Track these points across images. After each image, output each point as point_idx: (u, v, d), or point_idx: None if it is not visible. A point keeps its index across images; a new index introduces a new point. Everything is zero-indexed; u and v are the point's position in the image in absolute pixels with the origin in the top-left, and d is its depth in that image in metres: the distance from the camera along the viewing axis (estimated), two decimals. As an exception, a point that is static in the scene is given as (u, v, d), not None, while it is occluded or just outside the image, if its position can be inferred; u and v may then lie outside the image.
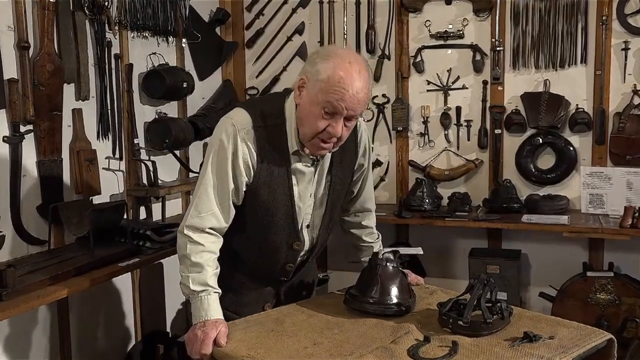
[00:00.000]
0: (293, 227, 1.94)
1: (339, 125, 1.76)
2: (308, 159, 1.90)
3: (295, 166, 1.89)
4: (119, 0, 2.99)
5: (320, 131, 1.76)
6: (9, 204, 2.45)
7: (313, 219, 2.00)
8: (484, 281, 1.77)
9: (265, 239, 1.94)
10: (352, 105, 1.73)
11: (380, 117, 3.72)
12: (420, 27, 3.61)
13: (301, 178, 1.91)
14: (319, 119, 1.75)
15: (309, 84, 1.77)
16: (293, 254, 1.99)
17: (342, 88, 1.71)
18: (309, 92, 1.77)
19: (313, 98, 1.75)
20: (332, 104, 1.72)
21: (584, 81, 3.36)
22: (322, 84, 1.72)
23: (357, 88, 1.72)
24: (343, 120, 1.76)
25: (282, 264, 2.00)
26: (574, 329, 1.71)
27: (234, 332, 1.75)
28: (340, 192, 2.04)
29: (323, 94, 1.72)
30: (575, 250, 3.42)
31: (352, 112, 1.75)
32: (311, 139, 1.80)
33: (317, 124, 1.75)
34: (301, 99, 1.80)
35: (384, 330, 1.74)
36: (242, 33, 3.99)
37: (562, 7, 3.35)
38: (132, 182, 3.12)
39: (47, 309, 2.64)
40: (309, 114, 1.77)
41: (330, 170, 1.97)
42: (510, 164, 3.52)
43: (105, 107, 2.91)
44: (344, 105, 1.72)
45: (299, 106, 1.82)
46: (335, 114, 1.74)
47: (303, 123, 1.81)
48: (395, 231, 3.74)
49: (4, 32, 2.40)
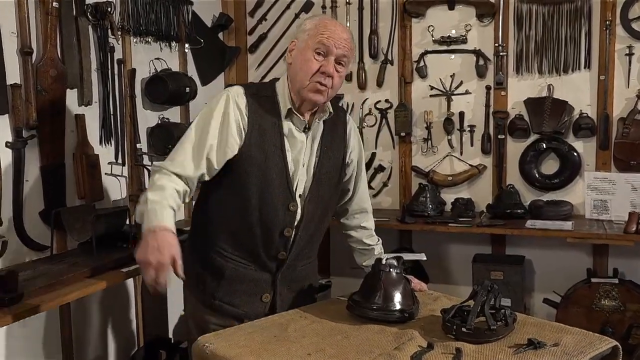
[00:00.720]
0: (287, 188, 1.98)
1: (330, 65, 1.92)
2: (300, 123, 2.00)
3: (288, 130, 1.99)
4: (121, 6, 3.00)
5: (315, 72, 1.91)
6: (12, 209, 2.45)
7: (305, 190, 2.04)
8: (487, 287, 1.76)
9: (263, 200, 1.97)
10: (340, 43, 1.92)
11: (383, 122, 3.72)
12: (423, 32, 3.61)
13: (293, 143, 2.00)
14: (312, 61, 1.91)
15: (299, 40, 1.96)
16: (290, 216, 2.00)
17: (328, 29, 1.92)
18: (298, 46, 1.96)
19: (304, 46, 1.93)
20: (322, 42, 1.90)
21: (587, 86, 3.36)
22: (311, 32, 1.93)
23: (341, 30, 1.95)
24: (334, 64, 1.92)
25: (281, 228, 2.00)
26: (578, 335, 1.69)
27: (237, 337, 1.74)
28: (328, 173, 2.08)
29: (312, 38, 1.91)
30: (579, 256, 3.41)
31: (340, 52, 1.92)
32: (307, 84, 1.93)
33: (311, 66, 1.91)
34: (292, 58, 1.98)
35: (387, 336, 1.73)
36: (245, 38, 4.00)
37: (566, 12, 3.34)
38: (135, 188, 3.12)
39: (49, 314, 2.63)
40: (302, 62, 1.93)
41: (320, 145, 2.06)
42: (513, 170, 3.51)
43: (108, 112, 2.91)
44: (332, 42, 1.90)
45: (291, 65, 1.98)
46: (327, 54, 1.91)
47: (297, 73, 1.95)
48: (398, 237, 3.74)
49: (8, 37, 2.41)
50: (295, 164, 2.01)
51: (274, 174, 1.96)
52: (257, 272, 2.04)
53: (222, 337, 1.77)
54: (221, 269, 2.02)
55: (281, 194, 1.98)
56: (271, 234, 2.00)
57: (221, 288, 2.02)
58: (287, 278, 2.09)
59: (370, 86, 3.74)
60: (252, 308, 2.04)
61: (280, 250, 2.03)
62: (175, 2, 3.36)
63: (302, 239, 2.07)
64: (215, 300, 2.03)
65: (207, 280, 2.05)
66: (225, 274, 2.02)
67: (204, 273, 2.05)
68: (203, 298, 2.06)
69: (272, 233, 2.00)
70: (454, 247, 3.65)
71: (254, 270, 2.04)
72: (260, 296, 2.05)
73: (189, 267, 2.10)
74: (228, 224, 2.02)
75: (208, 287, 2.04)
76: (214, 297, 2.03)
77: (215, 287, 2.03)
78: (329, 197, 2.13)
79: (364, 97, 3.76)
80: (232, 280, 2.03)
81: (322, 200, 2.08)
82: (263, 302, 2.05)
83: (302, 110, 2.00)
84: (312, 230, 2.10)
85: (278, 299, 2.08)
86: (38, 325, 2.61)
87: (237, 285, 2.03)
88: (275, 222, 1.99)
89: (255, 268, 2.04)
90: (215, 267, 2.03)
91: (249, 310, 2.03)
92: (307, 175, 2.04)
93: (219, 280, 2.02)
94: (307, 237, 2.09)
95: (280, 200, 1.98)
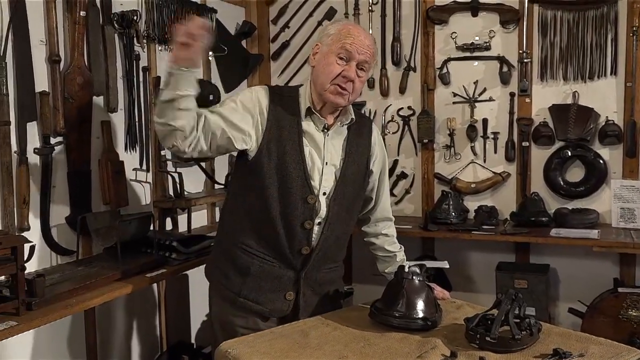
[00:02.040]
0: (305, 181, 2.04)
1: (352, 69, 1.99)
2: (320, 123, 2.08)
3: (306, 128, 2.07)
4: (147, 14, 3.04)
5: (337, 76, 1.98)
6: (39, 214, 2.49)
7: (330, 190, 2.09)
8: (512, 296, 1.74)
9: (283, 194, 2.02)
10: (363, 49, 1.99)
11: (406, 129, 3.71)
12: (447, 39, 3.60)
13: (312, 140, 2.07)
14: (334, 65, 1.98)
15: (322, 43, 2.04)
16: (309, 209, 2.04)
17: (352, 35, 1.99)
18: (322, 50, 2.03)
19: (327, 50, 2.01)
20: (344, 47, 1.97)
21: (614, 93, 3.31)
22: (334, 36, 2.00)
23: (364, 36, 2.02)
24: (356, 69, 1.99)
25: (301, 221, 2.04)
26: (605, 346, 1.67)
27: (259, 344, 1.75)
28: (354, 175, 2.14)
29: (336, 43, 1.99)
30: (605, 265, 3.35)
31: (362, 57, 1.99)
32: (329, 87, 2.00)
33: (333, 70, 1.98)
34: (316, 61, 2.06)
35: (410, 344, 1.72)
36: (268, 45, 4.02)
37: (591, 18, 3.31)
38: (159, 194, 3.15)
39: (74, 318, 2.67)
40: (325, 65, 2.00)
41: (345, 148, 2.13)
42: (538, 177, 3.47)
43: (133, 119, 2.95)
44: (355, 48, 1.97)
45: (315, 68, 2.06)
46: (350, 59, 1.98)
47: (320, 76, 2.02)
48: (421, 244, 3.71)
49: (37, 46, 2.46)
50: (315, 161, 2.07)
51: (292, 168, 2.03)
52: (281, 269, 2.08)
53: (245, 343, 1.78)
54: (246, 265, 2.07)
55: (299, 187, 2.03)
56: (292, 227, 2.04)
57: (246, 285, 2.07)
58: (311, 278, 2.13)
59: (393, 93, 3.74)
60: (276, 305, 2.08)
61: (304, 245, 2.07)
62: (200, 10, 3.39)
63: (329, 239, 2.10)
64: (239, 297, 2.07)
65: (232, 277, 2.10)
66: (250, 271, 2.07)
67: (229, 270, 2.10)
68: (228, 295, 2.10)
69: (293, 226, 2.04)
70: (477, 255, 3.62)
71: (279, 267, 2.08)
72: (284, 294, 2.08)
73: (216, 264, 2.16)
74: (252, 220, 2.07)
75: (233, 283, 2.09)
76: (239, 294, 2.08)
77: (241, 283, 2.08)
78: (353, 200, 2.17)
79: (386, 104, 3.75)
80: (256, 277, 2.07)
81: (347, 202, 2.13)
82: (287, 300, 2.09)
83: (323, 112, 2.08)
84: (338, 232, 2.14)
85: (301, 299, 2.11)
86: (63, 328, 2.64)
87: (261, 282, 2.07)
88: (295, 214, 2.04)
89: (279, 265, 2.08)
90: (241, 263, 2.08)
91: (272, 307, 2.08)
92: (332, 175, 2.10)
93: (244, 277, 2.07)
94: (333, 238, 2.13)
95: (298, 193, 2.03)
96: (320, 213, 2.08)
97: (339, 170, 2.11)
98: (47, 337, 2.55)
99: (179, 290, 3.39)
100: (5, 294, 1.96)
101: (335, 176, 2.11)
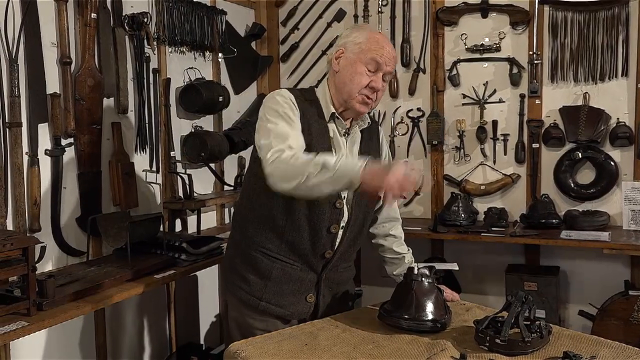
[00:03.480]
0: None
1: (379, 80, 2.02)
2: (342, 127, 2.08)
3: (332, 132, 2.06)
4: (157, 17, 3.05)
5: (365, 86, 2.00)
6: (50, 215, 2.51)
7: (349, 193, 2.08)
8: (522, 298, 1.73)
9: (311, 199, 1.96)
10: (389, 60, 2.02)
11: (415, 131, 3.70)
12: (456, 41, 3.59)
13: (337, 144, 2.07)
14: (363, 75, 1.99)
15: (348, 50, 2.02)
16: (337, 214, 2.04)
17: (380, 46, 2.00)
18: (347, 56, 2.02)
19: (355, 58, 2.00)
20: (375, 59, 1.98)
21: (625, 94, 3.29)
22: (363, 45, 1.99)
23: (390, 47, 2.05)
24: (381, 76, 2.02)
25: (328, 225, 2.03)
26: (616, 349, 1.66)
27: (268, 345, 1.75)
28: None
29: (365, 53, 1.99)
30: (616, 267, 3.33)
31: (389, 69, 2.03)
32: (356, 96, 2.01)
33: (362, 80, 1.99)
34: (340, 66, 2.04)
35: (419, 346, 1.72)
36: (277, 47, 4.03)
37: (602, 19, 3.29)
38: (169, 195, 3.16)
39: (84, 319, 2.68)
40: (353, 74, 2.00)
41: (360, 151, 2.13)
42: (548, 179, 3.45)
43: (143, 120, 2.96)
44: (384, 60, 1.99)
45: (339, 73, 2.04)
46: (378, 70, 2.00)
47: (346, 85, 2.02)
48: (430, 246, 3.71)
49: (48, 48, 2.48)
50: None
51: None
52: (302, 272, 2.08)
53: (254, 344, 1.78)
54: (268, 269, 2.05)
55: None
56: (319, 231, 2.03)
57: (268, 289, 2.05)
58: (330, 279, 2.13)
59: (403, 94, 3.73)
60: (298, 308, 2.08)
61: (327, 249, 2.06)
62: (210, 12, 3.41)
63: (348, 240, 2.11)
64: (261, 301, 2.05)
65: (252, 282, 2.07)
66: (272, 275, 2.05)
67: (249, 274, 2.08)
68: (248, 299, 2.08)
69: (319, 230, 2.03)
70: (486, 257, 3.60)
71: (300, 270, 2.07)
72: (305, 296, 2.08)
73: (233, 268, 2.15)
74: (274, 224, 2.04)
75: (254, 288, 2.07)
76: (261, 298, 2.06)
77: (262, 288, 2.06)
78: (369, 201, 2.17)
79: (396, 105, 3.75)
80: (278, 281, 2.06)
81: (365, 204, 2.13)
82: (308, 302, 2.09)
83: (344, 116, 2.08)
84: (356, 233, 2.14)
85: (321, 300, 2.11)
86: (74, 329, 2.66)
87: (283, 285, 2.06)
88: (322, 219, 2.02)
89: (301, 267, 2.07)
90: (262, 267, 2.06)
91: (295, 310, 2.07)
92: None
93: (265, 281, 2.05)
94: (352, 238, 2.13)
95: (327, 198, 1.99)
96: (344, 217, 2.08)
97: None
98: (58, 338, 2.57)
99: (189, 291, 3.41)
100: (17, 294, 1.98)
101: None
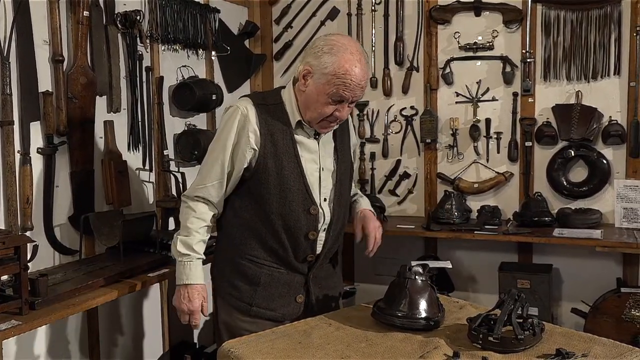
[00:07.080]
0: (305, 192, 2.04)
1: (344, 110, 2.00)
2: (310, 131, 2.08)
3: (299, 139, 2.06)
4: (150, 14, 3.04)
5: (329, 115, 1.99)
6: (42, 214, 2.49)
7: (331, 194, 2.12)
8: (514, 296, 1.74)
9: (284, 207, 2.03)
10: (356, 92, 1.97)
11: (409, 129, 3.70)
12: (449, 39, 3.59)
13: (306, 149, 2.07)
14: (326, 105, 1.97)
15: (315, 75, 1.96)
16: (313, 220, 2.06)
17: (347, 80, 1.92)
18: (315, 82, 1.97)
19: (320, 88, 1.95)
20: (339, 94, 1.94)
21: (617, 93, 3.30)
22: (329, 77, 1.93)
23: (360, 77, 1.95)
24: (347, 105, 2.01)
25: (305, 232, 2.05)
26: (608, 346, 1.66)
27: (262, 344, 1.75)
28: (345, 171, 2.19)
29: (330, 86, 1.93)
30: (608, 265, 3.34)
31: (356, 97, 1.99)
32: (319, 122, 2.02)
33: (324, 110, 1.97)
34: (307, 87, 2.00)
35: (413, 344, 1.72)
36: (271, 46, 4.03)
37: (595, 17, 3.30)
38: (162, 193, 3.15)
39: (77, 318, 2.67)
40: (316, 102, 1.97)
41: (336, 148, 2.16)
42: (541, 177, 3.46)
43: (136, 119, 2.95)
44: (349, 93, 1.95)
45: (305, 93, 2.01)
46: (343, 101, 1.97)
47: (310, 108, 2.00)
48: (423, 244, 3.71)
49: (40, 46, 2.46)
50: (312, 170, 2.07)
51: (291, 181, 2.02)
52: (290, 275, 2.11)
53: (247, 343, 1.78)
54: (256, 275, 2.08)
55: (300, 199, 2.03)
56: (297, 238, 2.06)
57: (258, 295, 2.08)
58: (317, 277, 2.17)
59: (396, 93, 3.73)
60: (288, 310, 2.11)
61: (308, 254, 2.09)
62: (203, 10, 3.40)
63: (332, 239, 2.14)
64: (252, 306, 2.08)
65: (242, 288, 2.10)
66: (260, 281, 2.08)
67: (238, 281, 2.10)
68: (238, 305, 2.10)
69: (297, 237, 2.05)
70: (479, 255, 3.61)
71: (287, 273, 2.10)
72: (294, 297, 2.11)
73: (222, 275, 2.16)
74: (256, 234, 2.08)
75: (244, 294, 2.10)
76: (251, 304, 2.09)
77: (252, 294, 2.09)
78: (348, 194, 2.22)
79: (389, 104, 3.75)
80: (267, 286, 2.09)
81: (344, 199, 2.17)
82: (297, 302, 2.12)
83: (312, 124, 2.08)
84: (339, 230, 2.18)
85: (312, 298, 2.14)
86: (66, 328, 2.65)
87: (272, 289, 2.09)
88: (298, 226, 2.04)
89: (287, 272, 2.10)
90: (250, 274, 2.09)
91: (285, 312, 2.10)
92: (330, 179, 2.12)
93: (254, 287, 2.08)
94: (334, 237, 2.16)
95: (300, 206, 2.03)
96: (326, 220, 2.09)
97: (334, 172, 2.13)
98: (50, 337, 2.56)
99: (182, 289, 3.39)
100: (9, 293, 1.97)
101: (333, 179, 2.12)
